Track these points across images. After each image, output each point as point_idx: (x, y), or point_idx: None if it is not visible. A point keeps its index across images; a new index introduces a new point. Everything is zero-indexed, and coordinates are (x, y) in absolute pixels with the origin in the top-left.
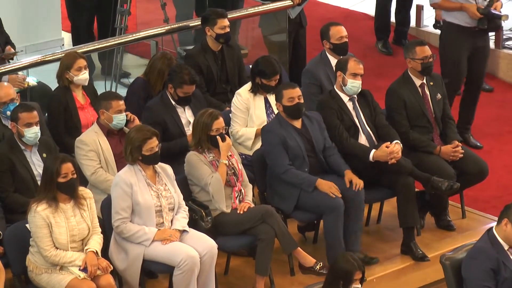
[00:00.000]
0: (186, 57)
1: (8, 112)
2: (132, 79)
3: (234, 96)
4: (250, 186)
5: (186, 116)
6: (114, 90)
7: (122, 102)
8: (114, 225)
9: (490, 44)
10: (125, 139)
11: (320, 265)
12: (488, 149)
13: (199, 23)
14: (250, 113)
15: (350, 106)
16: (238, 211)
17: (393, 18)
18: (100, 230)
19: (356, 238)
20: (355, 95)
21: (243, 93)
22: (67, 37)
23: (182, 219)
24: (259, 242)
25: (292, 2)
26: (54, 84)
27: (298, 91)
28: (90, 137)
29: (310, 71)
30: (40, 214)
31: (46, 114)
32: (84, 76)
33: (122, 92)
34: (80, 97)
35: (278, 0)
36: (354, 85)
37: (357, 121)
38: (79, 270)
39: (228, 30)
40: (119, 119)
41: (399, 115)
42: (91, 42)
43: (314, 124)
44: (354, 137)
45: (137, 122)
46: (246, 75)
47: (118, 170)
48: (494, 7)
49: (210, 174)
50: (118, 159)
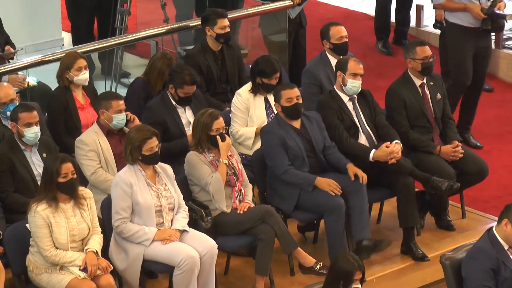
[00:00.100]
0: (186, 57)
1: (8, 112)
2: (132, 79)
3: (234, 96)
4: (250, 186)
5: (187, 116)
6: (114, 90)
7: (122, 102)
8: (114, 225)
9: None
10: (125, 139)
11: (320, 265)
12: (488, 149)
13: (199, 23)
14: (250, 113)
15: (350, 106)
16: (238, 211)
17: (393, 18)
18: (100, 230)
19: (363, 227)
20: (355, 95)
21: (243, 93)
22: (67, 37)
23: (182, 219)
24: (259, 242)
25: (292, 2)
26: (54, 84)
27: (296, 92)
28: (90, 137)
29: (310, 71)
30: (40, 214)
31: (46, 114)
32: (84, 76)
33: (122, 92)
34: (80, 97)
35: (278, 0)
36: (354, 85)
37: (357, 121)
38: (79, 270)
39: (228, 30)
40: (119, 119)
41: (399, 115)
42: (91, 42)
43: (313, 124)
44: (354, 137)
45: (137, 122)
46: (246, 75)
47: (118, 170)
48: (497, 7)
49: (210, 174)
50: (118, 159)
